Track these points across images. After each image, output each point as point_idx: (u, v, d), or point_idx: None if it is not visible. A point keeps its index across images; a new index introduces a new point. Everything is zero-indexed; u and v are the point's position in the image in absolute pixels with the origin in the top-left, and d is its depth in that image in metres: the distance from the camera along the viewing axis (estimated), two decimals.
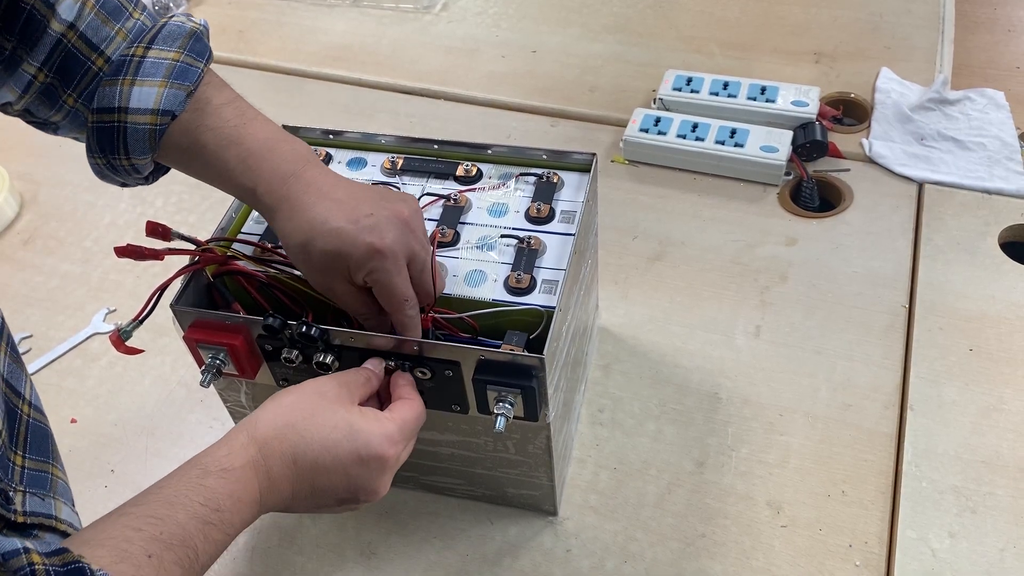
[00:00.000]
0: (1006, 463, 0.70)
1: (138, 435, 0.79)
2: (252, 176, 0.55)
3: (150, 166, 0.56)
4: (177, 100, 0.53)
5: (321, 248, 0.53)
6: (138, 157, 0.54)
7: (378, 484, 0.52)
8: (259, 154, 0.55)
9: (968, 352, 0.77)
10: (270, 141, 0.56)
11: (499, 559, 0.68)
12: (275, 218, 0.55)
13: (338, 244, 0.53)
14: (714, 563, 0.66)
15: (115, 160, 0.54)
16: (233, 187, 0.56)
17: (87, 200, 1.02)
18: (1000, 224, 0.88)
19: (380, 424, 0.52)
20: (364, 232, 0.53)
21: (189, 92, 0.53)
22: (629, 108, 1.01)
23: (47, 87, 0.54)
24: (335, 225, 0.53)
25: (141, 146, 0.53)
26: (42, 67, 0.53)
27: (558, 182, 0.67)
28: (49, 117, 0.56)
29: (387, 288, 0.54)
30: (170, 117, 0.53)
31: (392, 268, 0.54)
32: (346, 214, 0.54)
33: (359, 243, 0.53)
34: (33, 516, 0.46)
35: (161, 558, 0.43)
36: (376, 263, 0.53)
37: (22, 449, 0.48)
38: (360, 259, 0.53)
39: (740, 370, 0.78)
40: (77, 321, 0.89)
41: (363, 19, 1.27)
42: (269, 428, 0.50)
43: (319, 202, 0.54)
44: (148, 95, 0.52)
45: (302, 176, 0.55)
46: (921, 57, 1.08)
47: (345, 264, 0.54)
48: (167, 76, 0.53)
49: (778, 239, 0.89)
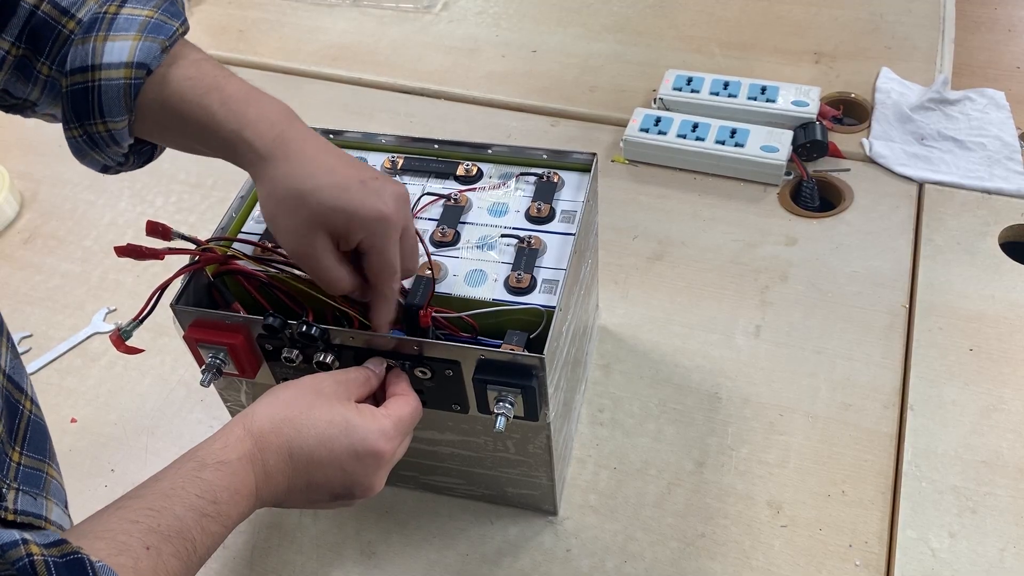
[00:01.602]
0: (1006, 463, 0.70)
1: (138, 434, 0.79)
2: (238, 119, 0.52)
3: (128, 135, 0.54)
4: (152, 53, 0.51)
5: (322, 201, 0.51)
6: (114, 119, 0.52)
7: (373, 480, 0.52)
8: (243, 99, 0.53)
9: (968, 352, 0.77)
10: (253, 91, 0.54)
11: (499, 559, 0.68)
12: (267, 164, 0.52)
13: (346, 201, 0.51)
14: (714, 563, 0.66)
15: (91, 127, 0.52)
16: (216, 136, 0.53)
17: (87, 199, 1.02)
18: (1000, 224, 0.88)
19: (376, 420, 0.52)
20: (372, 195, 0.52)
21: (164, 47, 0.52)
22: (629, 108, 1.01)
23: (20, 60, 0.52)
24: (343, 181, 0.51)
25: (116, 105, 0.51)
26: (15, 41, 0.52)
27: (558, 182, 0.67)
28: (27, 94, 0.54)
29: (382, 256, 0.53)
30: (145, 71, 0.51)
31: (392, 236, 0.53)
32: (353, 173, 0.52)
33: (367, 204, 0.51)
34: (23, 515, 0.46)
35: (159, 550, 0.43)
36: (380, 228, 0.52)
37: (20, 445, 0.48)
38: (364, 221, 0.51)
39: (740, 370, 0.78)
40: (77, 320, 0.89)
41: (363, 19, 1.27)
42: (265, 422, 0.50)
43: (321, 154, 0.52)
44: (121, 49, 0.51)
45: (294, 124, 0.53)
46: (921, 57, 1.08)
47: (344, 223, 0.51)
48: (141, 30, 0.51)
49: (778, 239, 0.89)
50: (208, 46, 1.28)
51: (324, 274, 0.54)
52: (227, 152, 0.54)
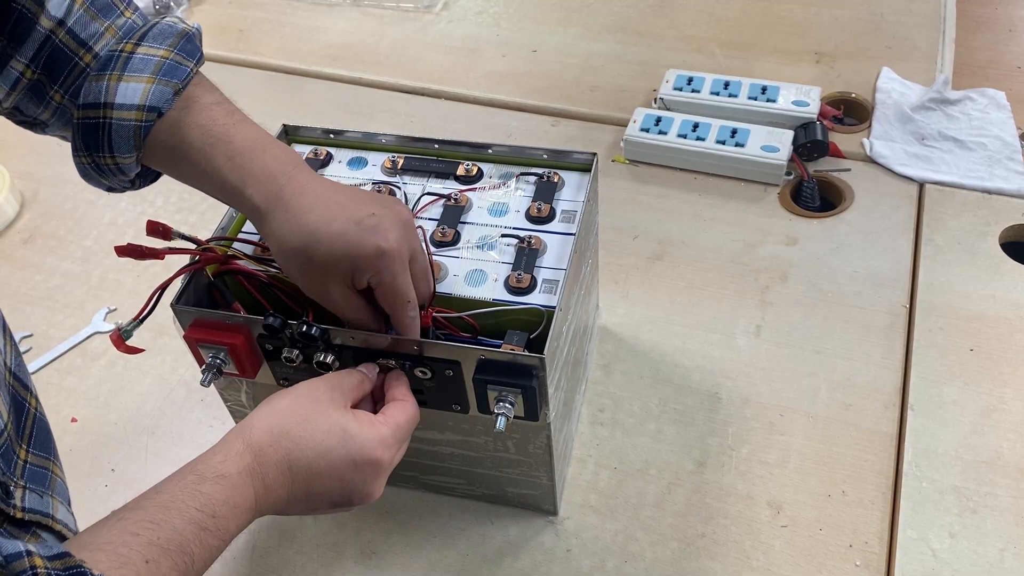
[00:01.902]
0: (1006, 463, 0.70)
1: (138, 434, 0.79)
2: (241, 175, 0.53)
3: (135, 167, 0.55)
4: (164, 97, 0.52)
5: (325, 251, 0.52)
6: (123, 156, 0.53)
7: (372, 488, 0.52)
8: (249, 153, 0.54)
9: (968, 352, 0.77)
10: (260, 141, 0.55)
11: (499, 558, 0.68)
12: (267, 221, 0.53)
13: (344, 247, 0.52)
14: (714, 563, 0.66)
15: (100, 158, 0.53)
16: (221, 188, 0.54)
17: (88, 199, 1.02)
18: (1001, 224, 0.88)
19: (374, 428, 0.52)
20: (369, 233, 0.52)
21: (177, 90, 0.52)
22: (630, 108, 1.01)
23: (35, 84, 0.53)
24: (339, 228, 0.52)
25: (126, 144, 0.52)
26: (30, 64, 0.52)
27: (559, 182, 0.66)
28: (37, 115, 0.55)
29: (392, 289, 0.53)
30: (156, 114, 0.52)
31: (398, 269, 0.53)
32: (348, 215, 0.53)
33: (366, 245, 0.52)
34: (31, 513, 0.46)
35: (159, 563, 0.43)
36: (384, 264, 0.52)
37: (27, 443, 0.48)
38: (367, 261, 0.52)
39: (740, 370, 0.78)
40: (77, 320, 0.89)
41: (364, 18, 1.27)
42: (264, 435, 0.50)
43: (317, 204, 0.53)
44: (135, 91, 0.51)
45: (295, 178, 0.54)
46: (922, 57, 1.08)
47: (350, 267, 0.52)
48: (155, 72, 0.52)
49: (779, 239, 0.89)
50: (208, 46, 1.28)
51: (343, 314, 0.56)
52: (231, 202, 0.55)
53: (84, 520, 0.48)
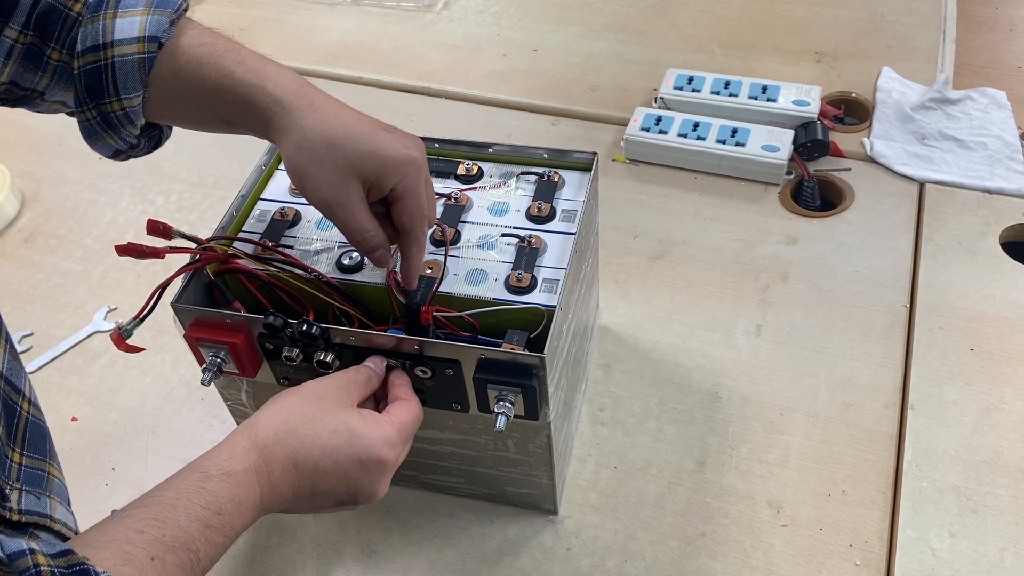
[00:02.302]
0: (1006, 463, 0.70)
1: (139, 433, 0.79)
2: (258, 75, 0.53)
3: (142, 114, 0.54)
4: (161, 26, 0.52)
5: (356, 147, 0.52)
6: (129, 96, 0.52)
7: (377, 486, 0.53)
8: (260, 59, 0.54)
9: (969, 352, 0.77)
10: (265, 57, 0.55)
11: (499, 558, 0.68)
12: (291, 113, 0.52)
13: (376, 146, 0.52)
14: (714, 562, 0.66)
15: (105, 106, 0.53)
16: (235, 96, 0.53)
17: (88, 198, 1.02)
18: (1001, 224, 0.88)
19: (380, 427, 0.52)
20: (399, 141, 0.53)
21: (172, 20, 0.52)
22: (630, 107, 1.01)
23: (29, 48, 0.53)
24: (371, 129, 0.53)
25: (132, 80, 0.52)
26: (23, 30, 0.52)
27: (559, 181, 0.66)
28: (35, 84, 0.54)
29: (416, 199, 0.54)
30: (156, 44, 0.52)
31: (423, 179, 0.54)
32: (376, 123, 0.53)
33: (398, 150, 0.52)
34: (28, 515, 0.46)
35: (164, 561, 0.43)
36: (412, 170, 0.53)
37: (20, 446, 0.48)
38: (396, 164, 0.52)
39: (741, 369, 0.78)
40: (78, 319, 0.89)
41: (364, 17, 1.27)
42: (270, 433, 0.50)
43: (343, 108, 0.53)
44: (131, 24, 0.51)
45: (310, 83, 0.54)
46: (922, 56, 1.08)
47: (378, 168, 0.52)
48: (148, 5, 0.52)
49: (779, 238, 0.89)
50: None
51: (357, 224, 0.54)
52: (246, 111, 0.54)
53: (84, 519, 0.48)
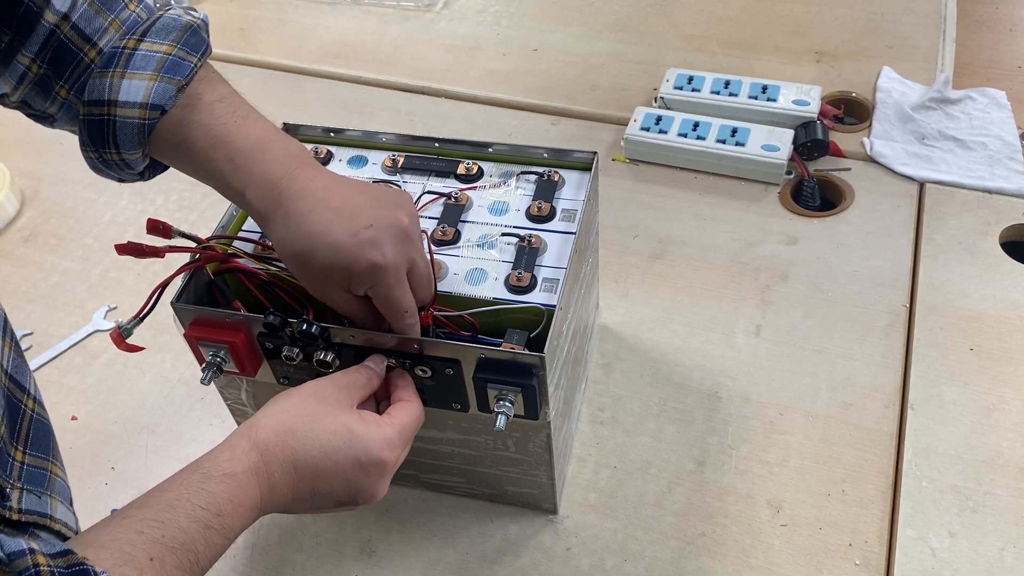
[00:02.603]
0: (1006, 463, 0.70)
1: (139, 432, 0.79)
2: (242, 178, 0.53)
3: (142, 162, 0.55)
4: (167, 95, 0.52)
5: (320, 262, 0.52)
6: (128, 152, 0.53)
7: (377, 488, 0.53)
8: (250, 154, 0.53)
9: (968, 351, 0.77)
10: (262, 141, 0.54)
11: (499, 557, 0.68)
12: (268, 225, 0.54)
13: (337, 259, 0.52)
14: (714, 562, 0.66)
15: (106, 154, 0.53)
16: (224, 189, 0.55)
17: (88, 197, 1.02)
18: (1001, 223, 0.88)
19: (380, 429, 0.52)
20: (365, 247, 0.52)
21: (180, 87, 0.52)
22: (630, 107, 1.01)
23: (41, 78, 0.53)
24: (334, 240, 0.52)
25: (130, 141, 0.52)
26: (36, 58, 0.52)
27: (559, 180, 0.66)
28: (45, 109, 0.55)
29: (388, 301, 0.54)
30: (159, 112, 0.52)
31: (393, 282, 0.53)
32: (345, 226, 0.52)
33: (360, 259, 0.52)
34: (28, 514, 0.46)
35: (163, 561, 0.43)
36: (378, 278, 0.52)
37: (23, 445, 0.48)
38: (361, 275, 0.52)
39: (740, 369, 0.78)
40: (78, 318, 0.89)
41: (364, 17, 1.27)
42: (270, 434, 0.50)
43: (315, 212, 0.53)
44: (137, 88, 0.51)
45: (296, 179, 0.54)
46: (922, 56, 1.08)
47: (345, 277, 0.53)
48: (157, 70, 0.52)
49: (779, 238, 0.89)
50: None
51: (344, 313, 0.56)
52: (235, 202, 0.56)
53: (84, 518, 0.48)
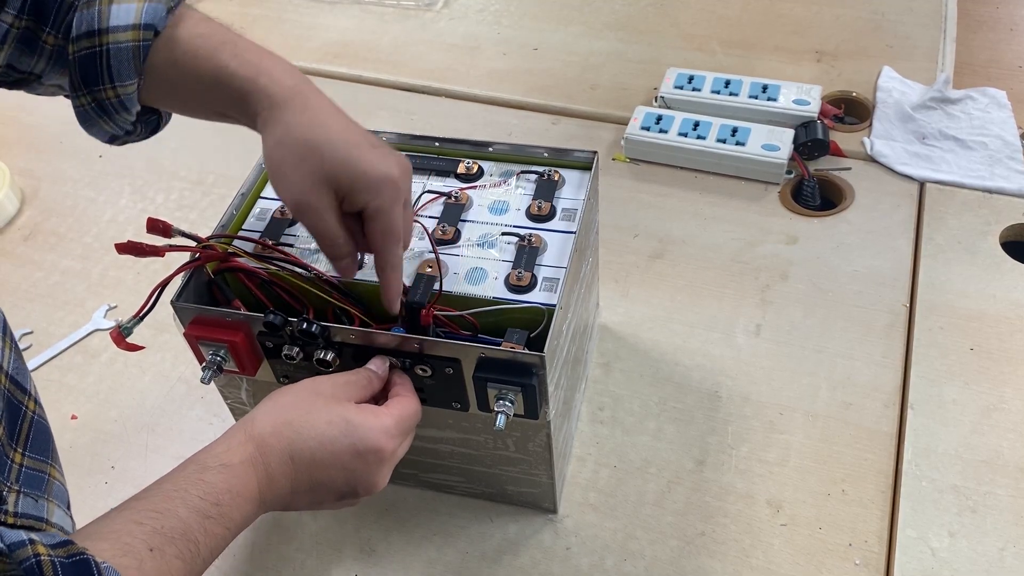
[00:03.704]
0: (1006, 462, 0.70)
1: (138, 431, 0.79)
2: (254, 68, 0.52)
3: (137, 100, 0.54)
4: (158, 14, 0.51)
5: (336, 155, 0.51)
6: (123, 84, 0.52)
7: (376, 477, 0.53)
8: (257, 52, 0.53)
9: (969, 351, 0.77)
10: (263, 48, 0.54)
11: (499, 556, 0.68)
12: (281, 110, 0.52)
13: (356, 157, 0.51)
14: (714, 561, 0.66)
15: (100, 92, 0.52)
16: (229, 88, 0.52)
17: (88, 196, 1.02)
18: (1001, 223, 0.88)
19: (377, 418, 0.52)
20: (381, 158, 0.52)
21: (170, 7, 0.52)
22: (630, 106, 1.01)
23: (24, 32, 0.52)
24: (356, 140, 0.52)
25: (126, 68, 0.51)
26: (19, 14, 0.52)
27: (559, 180, 0.66)
28: (32, 67, 0.54)
29: (388, 219, 0.53)
30: (152, 32, 0.51)
31: (398, 200, 0.53)
32: (365, 137, 0.52)
33: (377, 167, 0.51)
34: (24, 518, 0.46)
35: (163, 551, 0.43)
36: (387, 190, 0.52)
37: (23, 447, 0.48)
38: (373, 181, 0.51)
39: (740, 368, 0.78)
40: (78, 317, 0.89)
41: (364, 16, 1.27)
42: (266, 426, 0.51)
43: (336, 114, 0.52)
44: (127, 11, 0.51)
45: (308, 81, 0.53)
46: (923, 56, 1.08)
47: (352, 181, 0.52)
48: None
49: (779, 237, 0.89)
50: None
51: (324, 229, 0.53)
52: (239, 103, 0.53)
53: (84, 518, 0.48)
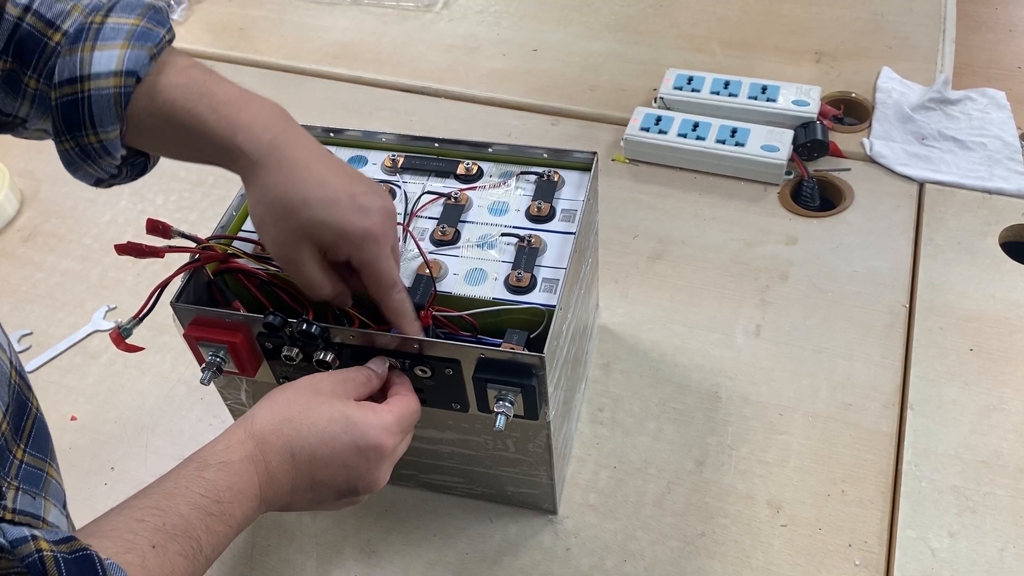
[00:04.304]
0: (1006, 463, 0.70)
1: (138, 432, 0.79)
2: (230, 124, 0.52)
3: (120, 145, 0.53)
4: (140, 61, 0.51)
5: (314, 214, 0.51)
6: (106, 130, 0.51)
7: (377, 475, 0.53)
8: (235, 103, 0.52)
9: (968, 352, 0.77)
10: (244, 95, 0.53)
11: (499, 557, 0.68)
12: (258, 170, 0.52)
13: (333, 216, 0.51)
14: (714, 562, 0.66)
15: (83, 138, 0.52)
16: (208, 144, 0.52)
17: (88, 197, 1.02)
18: (1001, 224, 0.88)
19: (377, 415, 0.52)
20: (360, 212, 0.52)
21: (152, 54, 0.51)
22: (630, 107, 1.01)
23: (7, 75, 0.52)
24: (333, 195, 0.51)
25: (108, 115, 0.51)
26: (2, 55, 0.51)
27: (559, 181, 0.66)
28: (16, 110, 0.54)
29: (375, 269, 0.53)
30: (134, 79, 0.51)
31: (382, 250, 0.53)
32: (344, 185, 0.52)
33: (355, 222, 0.52)
34: (22, 515, 0.46)
35: (165, 548, 0.43)
36: (367, 244, 0.52)
37: (25, 443, 0.48)
38: (352, 237, 0.52)
39: (740, 369, 0.78)
40: (77, 318, 0.89)
41: (364, 17, 1.27)
42: (266, 423, 0.51)
43: (314, 163, 0.52)
44: (109, 58, 0.50)
45: (288, 129, 0.53)
46: (922, 57, 1.08)
47: (333, 237, 0.52)
48: (128, 39, 0.51)
49: (778, 238, 0.89)
50: (208, 44, 1.28)
51: (306, 281, 0.55)
52: (220, 158, 0.54)
53: (83, 518, 0.48)
